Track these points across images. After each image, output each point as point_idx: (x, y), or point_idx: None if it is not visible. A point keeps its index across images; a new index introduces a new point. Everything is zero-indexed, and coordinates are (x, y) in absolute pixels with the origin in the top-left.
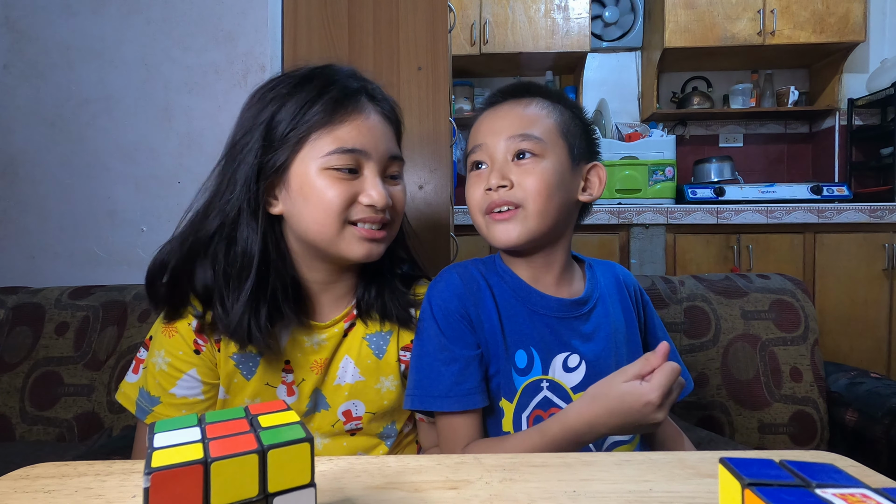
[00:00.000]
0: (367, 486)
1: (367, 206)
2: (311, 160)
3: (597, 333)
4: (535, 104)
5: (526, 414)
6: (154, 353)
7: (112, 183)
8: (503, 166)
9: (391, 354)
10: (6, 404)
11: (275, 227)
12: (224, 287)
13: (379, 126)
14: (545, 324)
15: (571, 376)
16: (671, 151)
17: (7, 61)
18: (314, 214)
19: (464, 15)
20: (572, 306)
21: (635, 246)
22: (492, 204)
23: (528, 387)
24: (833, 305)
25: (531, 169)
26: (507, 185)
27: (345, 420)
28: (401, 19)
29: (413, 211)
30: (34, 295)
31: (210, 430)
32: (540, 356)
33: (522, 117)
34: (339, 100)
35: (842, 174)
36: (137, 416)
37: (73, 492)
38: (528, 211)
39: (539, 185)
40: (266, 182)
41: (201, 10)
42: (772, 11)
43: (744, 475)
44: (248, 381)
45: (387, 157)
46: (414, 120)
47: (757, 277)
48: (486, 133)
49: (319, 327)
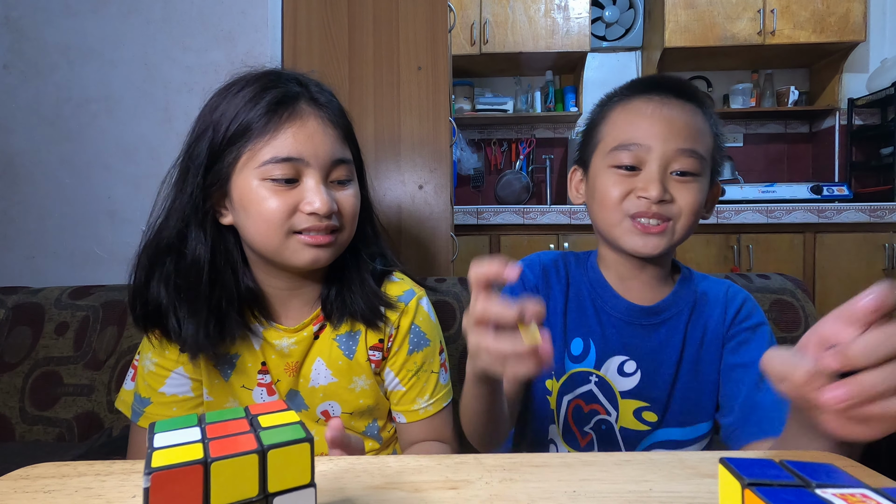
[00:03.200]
0: (367, 486)
1: (309, 215)
2: (249, 171)
3: (664, 347)
4: (701, 115)
5: (568, 398)
6: (143, 356)
7: (112, 183)
8: (664, 178)
9: (361, 354)
10: (6, 404)
11: (228, 238)
12: (176, 300)
13: (319, 131)
14: (611, 324)
15: (625, 381)
16: None
17: (7, 61)
18: (256, 226)
19: (464, 15)
20: (642, 314)
21: None
22: (643, 213)
23: (576, 374)
24: (833, 305)
25: (691, 188)
26: (669, 201)
27: (324, 419)
28: (401, 19)
29: (413, 211)
30: (34, 295)
31: (210, 430)
32: (597, 350)
33: (692, 128)
34: (276, 107)
35: (842, 174)
36: (132, 420)
37: (73, 492)
38: (677, 227)
39: (694, 205)
40: (214, 193)
41: (201, 10)
42: (772, 11)
43: (744, 475)
44: (227, 382)
45: (329, 163)
46: (414, 120)
47: (757, 277)
48: (649, 134)
49: (289, 331)
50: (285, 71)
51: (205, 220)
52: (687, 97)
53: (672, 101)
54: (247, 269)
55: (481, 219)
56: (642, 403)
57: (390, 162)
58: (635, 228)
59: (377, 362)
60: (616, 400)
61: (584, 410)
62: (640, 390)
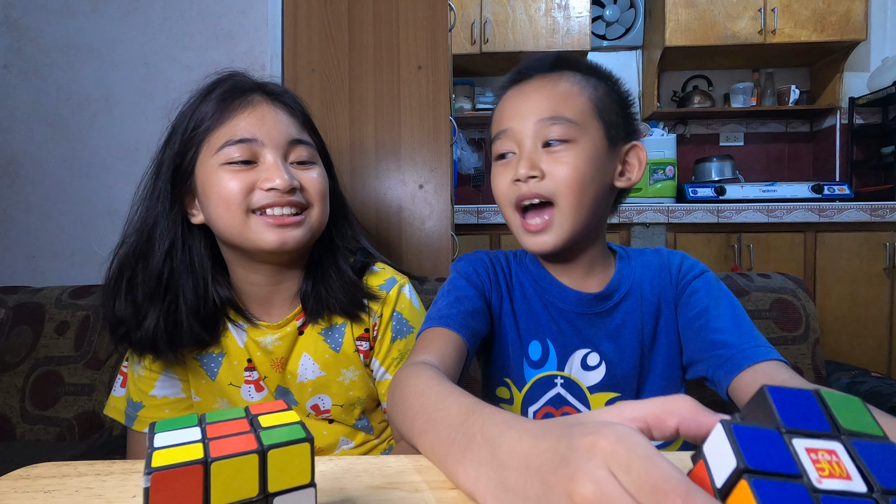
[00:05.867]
0: (368, 485)
1: (269, 191)
2: (208, 159)
3: (622, 331)
4: (564, 80)
5: (535, 408)
6: (132, 361)
7: (112, 183)
8: (532, 153)
9: (348, 346)
10: (6, 404)
11: (199, 242)
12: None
13: (270, 114)
14: (564, 318)
15: (591, 375)
16: (672, 150)
17: (7, 61)
18: (218, 210)
19: (464, 14)
20: (593, 301)
21: (635, 245)
22: (521, 196)
23: (540, 381)
24: (834, 304)
25: (563, 157)
26: (537, 176)
27: (315, 414)
28: (401, 19)
29: (413, 210)
30: (34, 294)
31: (210, 430)
32: (556, 350)
33: (552, 96)
34: (229, 96)
35: (843, 173)
36: (126, 425)
37: (74, 492)
38: (562, 208)
39: (572, 175)
40: (182, 192)
41: (201, 10)
42: (773, 10)
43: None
44: (214, 382)
45: (285, 143)
46: (414, 119)
47: (758, 276)
48: (511, 116)
49: (272, 327)
50: (240, 72)
51: (175, 223)
52: (545, 70)
53: (532, 80)
54: (221, 276)
55: (482, 218)
56: (612, 395)
57: (390, 161)
58: (526, 230)
59: (366, 353)
60: (585, 397)
61: (555, 416)
62: (607, 381)
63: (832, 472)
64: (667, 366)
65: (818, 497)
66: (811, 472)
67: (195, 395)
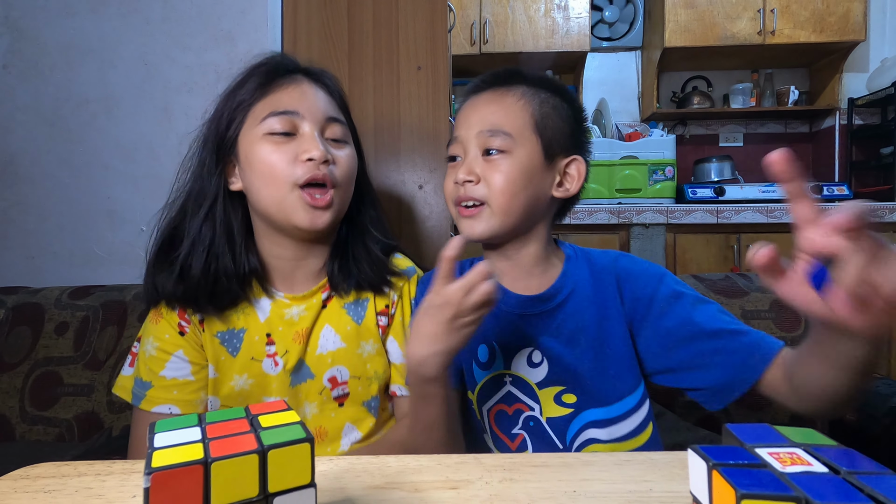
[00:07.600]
0: (368, 485)
1: (307, 162)
2: (251, 130)
3: (562, 329)
4: (512, 94)
5: (487, 407)
6: (144, 341)
7: (112, 183)
8: (472, 161)
9: (370, 319)
10: (6, 404)
11: (237, 209)
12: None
13: (312, 91)
14: (507, 320)
15: (536, 371)
16: (671, 151)
17: (7, 61)
18: (262, 180)
19: (464, 14)
20: (535, 302)
21: (635, 246)
22: (458, 198)
23: (490, 381)
24: None
25: (498, 166)
26: (472, 181)
27: (331, 386)
28: (401, 19)
29: (413, 211)
30: (34, 295)
31: (210, 430)
32: (502, 351)
33: (496, 111)
34: (272, 72)
35: (842, 174)
36: (133, 403)
37: (73, 492)
38: (493, 208)
39: (503, 183)
40: (224, 160)
41: (201, 10)
42: (772, 11)
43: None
44: (235, 358)
45: (324, 119)
46: (414, 119)
47: (757, 277)
48: (460, 125)
49: (297, 299)
50: (284, 54)
51: (218, 187)
52: (498, 83)
53: (485, 92)
54: (252, 245)
55: None
56: (559, 388)
57: (390, 162)
58: (461, 215)
59: (384, 328)
60: (534, 392)
61: (508, 413)
62: (552, 376)
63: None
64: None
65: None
66: (775, 464)
67: (214, 370)
